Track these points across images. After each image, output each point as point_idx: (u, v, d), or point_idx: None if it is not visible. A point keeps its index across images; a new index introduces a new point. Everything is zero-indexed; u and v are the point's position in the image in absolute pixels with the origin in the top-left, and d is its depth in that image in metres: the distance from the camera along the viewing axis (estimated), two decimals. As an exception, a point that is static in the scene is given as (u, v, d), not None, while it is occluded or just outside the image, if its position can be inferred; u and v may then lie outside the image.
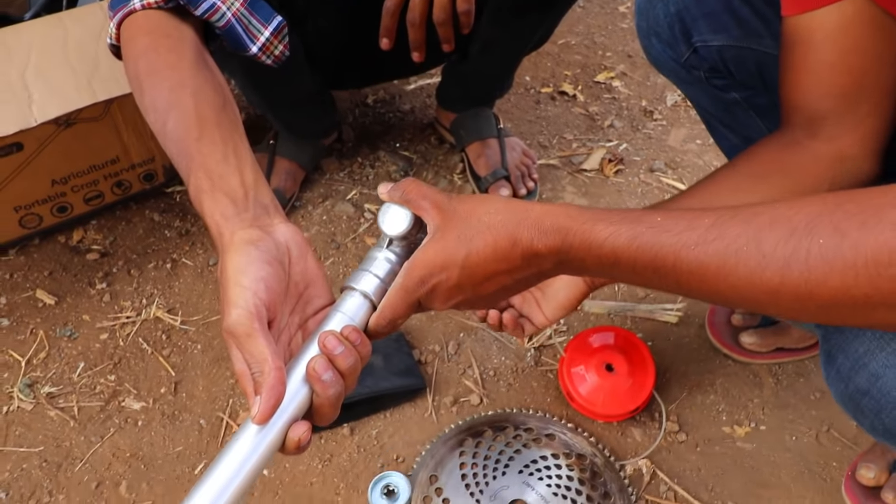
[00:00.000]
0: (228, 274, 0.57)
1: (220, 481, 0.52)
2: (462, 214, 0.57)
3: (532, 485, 0.99)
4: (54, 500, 1.00)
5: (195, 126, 0.68)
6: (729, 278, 0.51)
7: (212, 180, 0.63)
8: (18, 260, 1.30)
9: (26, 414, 1.09)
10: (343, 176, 1.45)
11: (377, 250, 0.62)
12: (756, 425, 1.08)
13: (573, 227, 0.54)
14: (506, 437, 1.04)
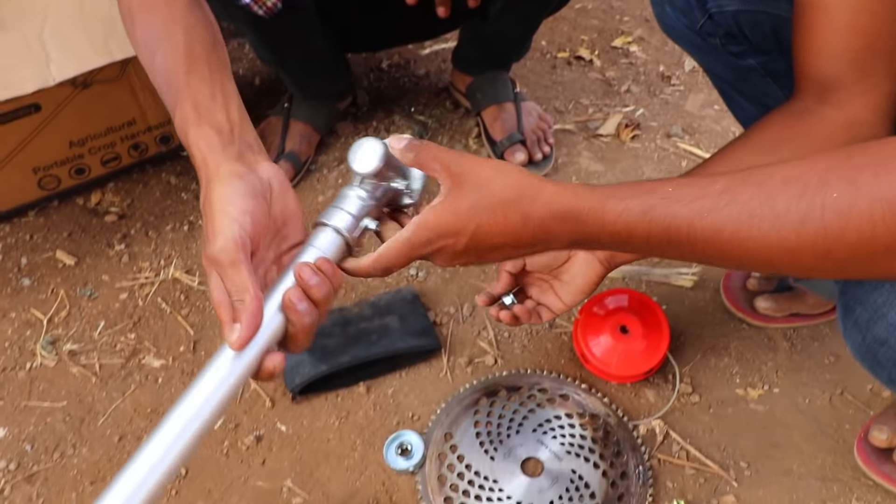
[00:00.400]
0: (214, 203, 0.59)
1: (199, 401, 0.55)
2: (476, 183, 0.58)
3: (545, 443, 1.00)
4: (78, 453, 1.02)
5: (185, 60, 0.68)
6: (745, 243, 0.52)
7: (198, 112, 0.64)
8: (38, 221, 1.32)
9: (49, 370, 1.11)
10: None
11: (349, 188, 0.64)
12: (769, 388, 1.09)
13: (584, 206, 0.56)
14: (520, 396, 1.06)
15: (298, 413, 1.06)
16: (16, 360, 1.12)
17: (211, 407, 0.55)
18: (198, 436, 0.55)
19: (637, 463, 0.99)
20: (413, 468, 0.99)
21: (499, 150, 1.37)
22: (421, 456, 1.00)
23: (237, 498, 0.98)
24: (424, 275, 1.23)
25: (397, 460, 1.00)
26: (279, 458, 1.02)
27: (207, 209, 0.59)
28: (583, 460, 0.98)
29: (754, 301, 1.14)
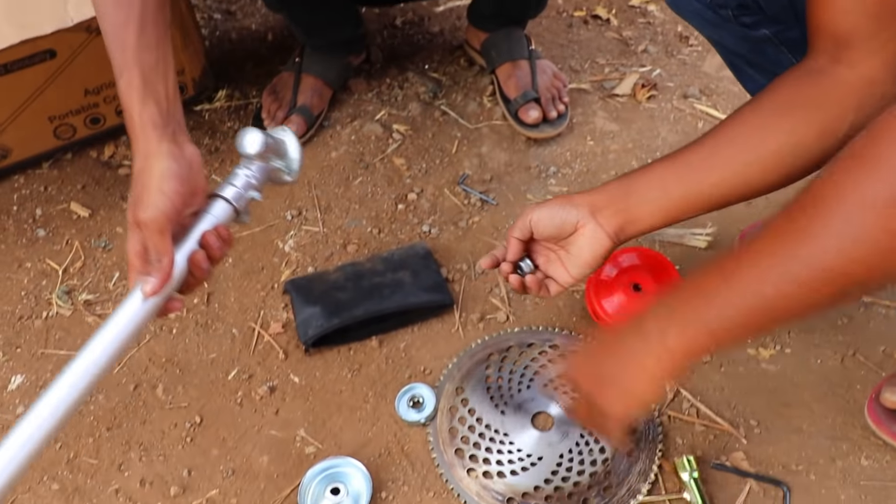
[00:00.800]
0: (154, 176, 0.73)
1: (114, 330, 0.73)
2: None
3: (556, 398, 1.01)
4: (94, 400, 1.04)
5: (137, 20, 0.76)
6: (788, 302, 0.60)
7: (144, 84, 0.75)
8: (52, 173, 1.32)
9: (65, 319, 1.12)
10: (371, 97, 1.44)
11: (238, 167, 0.82)
12: (781, 348, 1.09)
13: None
14: (531, 353, 1.06)
15: (311, 365, 1.07)
16: (32, 309, 1.13)
17: (123, 336, 0.73)
18: (113, 359, 0.74)
19: (647, 419, 1.00)
20: (424, 420, 1.01)
21: (513, 107, 1.35)
22: (432, 409, 1.01)
23: (251, 446, 1.00)
24: (437, 231, 1.23)
25: (409, 412, 1.01)
26: (292, 409, 1.03)
27: (145, 179, 0.73)
28: None
29: None
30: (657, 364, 0.68)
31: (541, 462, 0.96)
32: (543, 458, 0.96)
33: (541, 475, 0.95)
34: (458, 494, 0.94)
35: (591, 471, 0.95)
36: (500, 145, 1.36)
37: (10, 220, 1.25)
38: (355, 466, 0.95)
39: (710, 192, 0.81)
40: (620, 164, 1.33)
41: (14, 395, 1.04)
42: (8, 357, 1.08)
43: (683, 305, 0.67)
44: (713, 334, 0.64)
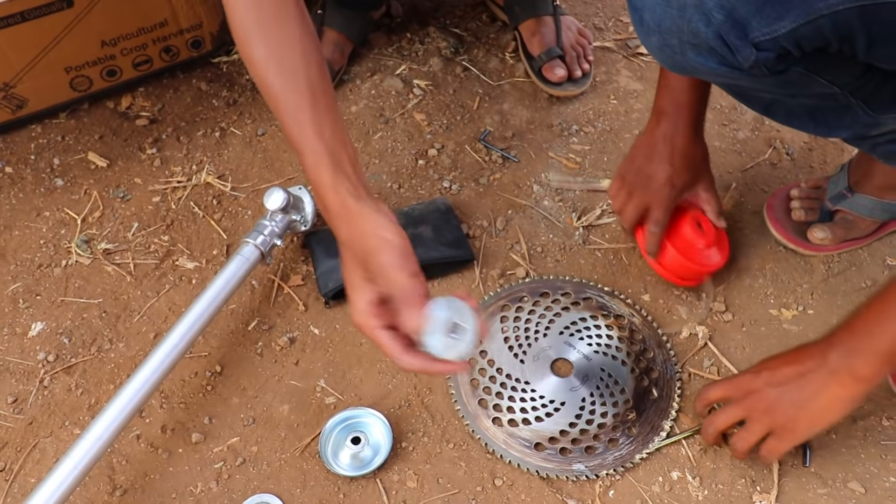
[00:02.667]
0: (370, 236, 0.75)
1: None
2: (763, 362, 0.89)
3: (573, 344, 1.01)
4: (115, 348, 1.04)
5: (308, 92, 0.76)
6: None
7: (331, 157, 0.75)
8: (69, 123, 1.31)
9: (84, 268, 1.12)
10: (392, 51, 1.41)
11: (264, 219, 1.03)
12: (804, 309, 1.08)
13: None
14: (545, 301, 1.06)
15: (331, 317, 1.07)
16: (51, 258, 1.13)
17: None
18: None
19: (664, 359, 1.01)
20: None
21: (536, 65, 1.33)
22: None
23: (271, 395, 1.00)
24: (458, 187, 1.21)
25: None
26: (312, 360, 1.03)
27: (364, 238, 0.75)
28: (610, 358, 1.00)
29: (808, 231, 1.11)
30: (848, 392, 0.80)
31: (564, 407, 0.97)
32: (566, 402, 0.97)
33: (565, 419, 0.96)
34: (486, 444, 0.95)
35: (613, 412, 0.97)
36: (522, 102, 1.34)
37: (28, 170, 1.24)
38: (376, 416, 0.95)
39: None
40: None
41: (35, 342, 1.04)
42: (28, 304, 1.08)
43: (863, 340, 0.79)
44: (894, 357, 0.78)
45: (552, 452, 0.94)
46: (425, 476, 0.93)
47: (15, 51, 1.18)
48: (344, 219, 0.75)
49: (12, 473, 0.93)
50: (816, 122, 0.87)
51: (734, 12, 0.68)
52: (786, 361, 0.85)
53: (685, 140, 1.01)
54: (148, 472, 0.93)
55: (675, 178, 1.01)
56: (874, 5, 0.65)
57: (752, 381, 0.87)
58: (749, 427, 0.86)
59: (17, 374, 1.01)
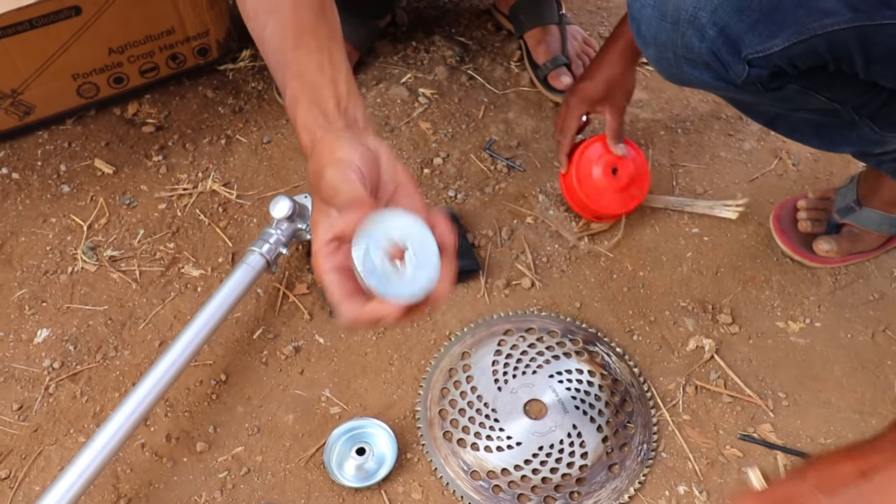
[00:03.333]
0: (325, 157, 0.60)
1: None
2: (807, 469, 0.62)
3: (556, 391, 0.99)
4: (120, 356, 1.04)
5: (292, 33, 0.68)
6: None
7: (306, 91, 0.65)
8: (76, 130, 1.31)
9: (90, 275, 1.12)
10: (397, 59, 1.42)
11: (270, 227, 1.03)
12: (811, 322, 1.08)
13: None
14: (550, 339, 1.04)
15: (336, 327, 1.07)
16: (57, 264, 1.13)
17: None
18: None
19: (643, 440, 0.96)
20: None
21: (542, 73, 1.33)
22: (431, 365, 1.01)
23: (276, 405, 1.00)
24: (463, 197, 1.21)
25: None
26: (317, 369, 1.03)
27: (320, 172, 0.60)
28: (588, 419, 0.97)
29: (814, 243, 1.11)
30: None
31: (519, 447, 0.95)
32: (522, 443, 0.95)
33: (514, 459, 0.94)
34: (427, 453, 0.94)
35: (564, 472, 0.93)
36: (528, 111, 1.34)
37: (35, 176, 1.24)
38: (381, 427, 0.95)
39: None
40: (649, 132, 1.31)
41: (40, 348, 1.04)
42: (34, 311, 1.08)
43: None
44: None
45: (485, 486, 0.92)
46: (430, 488, 0.93)
47: (23, 58, 1.19)
48: (309, 153, 0.63)
49: (17, 481, 0.93)
50: (821, 138, 0.87)
51: (727, 29, 0.69)
52: (841, 458, 0.62)
53: (610, 62, 1.08)
54: (153, 480, 0.93)
55: (586, 90, 1.09)
56: (871, 26, 0.64)
57: (796, 488, 0.62)
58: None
59: (22, 381, 1.01)
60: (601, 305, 1.09)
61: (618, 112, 1.09)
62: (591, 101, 1.09)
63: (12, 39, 1.15)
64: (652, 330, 1.07)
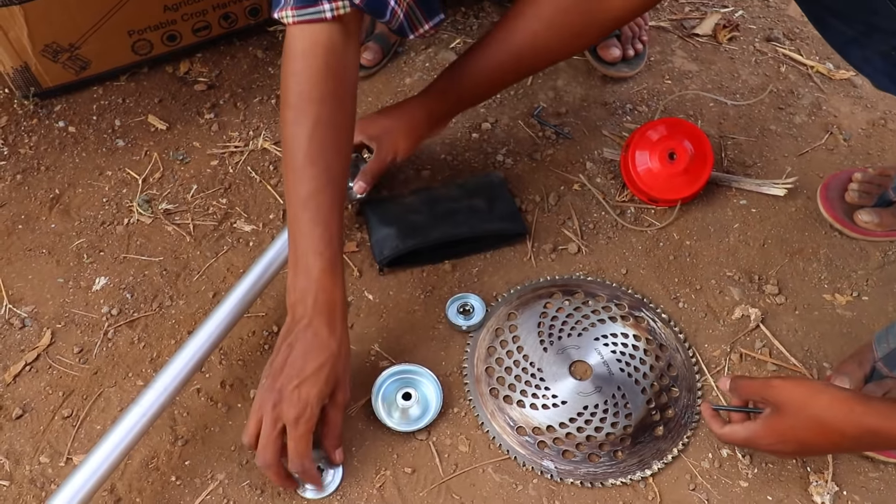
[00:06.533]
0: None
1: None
2: (794, 408, 0.78)
3: (602, 353, 1.00)
4: (175, 305, 1.07)
5: (325, 176, 0.86)
6: None
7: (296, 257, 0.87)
8: (129, 86, 1.33)
9: (145, 227, 1.15)
10: (447, 25, 1.42)
11: None
12: (858, 295, 1.07)
13: (891, 427, 0.72)
14: (596, 304, 1.05)
15: (385, 284, 1.09)
16: (114, 216, 1.16)
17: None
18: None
19: (687, 403, 0.97)
20: (467, 328, 1.02)
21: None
22: (479, 320, 1.03)
23: (326, 357, 1.02)
24: (511, 162, 1.22)
25: (457, 317, 1.03)
26: (367, 324, 1.05)
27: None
28: (633, 381, 0.98)
29: (854, 214, 1.11)
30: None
31: (564, 406, 0.96)
32: (568, 402, 0.96)
33: (558, 417, 0.95)
34: (474, 407, 0.96)
35: (609, 430, 0.94)
36: (576, 79, 1.34)
37: (91, 130, 1.27)
38: (428, 375, 0.97)
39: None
40: (698, 104, 1.31)
41: (99, 296, 1.07)
42: (92, 259, 1.11)
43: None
44: None
45: (530, 441, 0.94)
46: (477, 441, 0.95)
47: (82, 12, 1.21)
48: (312, 281, 0.86)
49: (79, 420, 0.96)
50: (893, 78, 0.84)
51: None
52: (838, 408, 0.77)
53: (411, 111, 1.08)
54: (208, 424, 0.96)
55: (367, 124, 1.08)
56: None
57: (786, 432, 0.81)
58: (756, 446, 0.84)
59: (82, 325, 1.04)
60: (647, 272, 1.10)
61: (378, 160, 1.06)
62: (366, 134, 1.07)
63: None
64: (698, 298, 1.07)
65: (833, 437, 0.76)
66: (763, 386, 0.82)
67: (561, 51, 1.00)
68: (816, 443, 0.77)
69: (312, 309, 0.84)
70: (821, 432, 0.76)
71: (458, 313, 1.04)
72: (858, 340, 1.03)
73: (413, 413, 0.95)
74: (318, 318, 0.84)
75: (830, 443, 0.77)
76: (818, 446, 0.78)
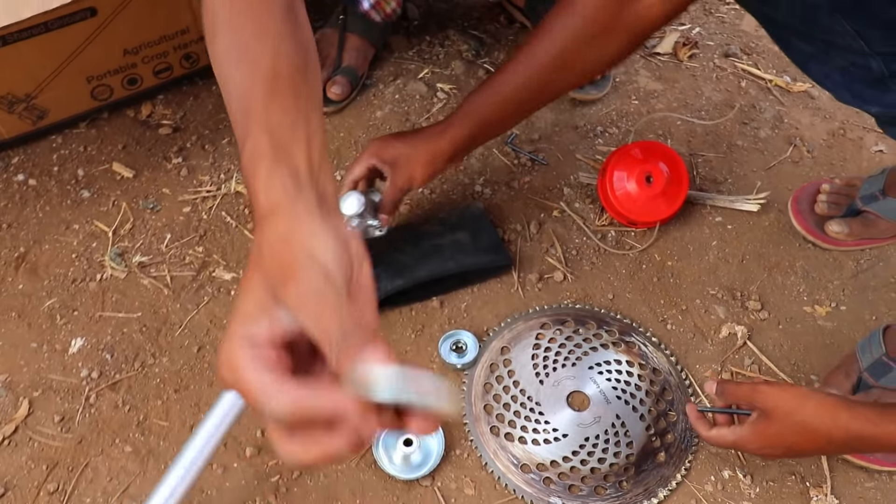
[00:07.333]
0: (296, 248, 0.47)
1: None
2: (782, 414, 0.80)
3: (598, 382, 1.01)
4: (158, 363, 1.03)
5: (267, 82, 0.57)
6: None
7: (275, 148, 0.53)
8: (90, 133, 1.29)
9: (120, 282, 1.11)
10: (412, 54, 1.41)
11: None
12: (836, 305, 1.11)
13: (876, 431, 0.75)
14: (586, 332, 1.06)
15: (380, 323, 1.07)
16: (85, 272, 1.11)
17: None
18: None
19: (686, 427, 0.98)
20: (462, 366, 1.02)
21: (559, 66, 1.34)
22: (472, 357, 1.02)
23: (321, 406, 1.00)
24: (490, 192, 1.22)
25: (450, 355, 1.02)
26: (359, 369, 1.03)
27: (286, 248, 0.47)
28: (631, 409, 0.99)
29: (825, 225, 1.14)
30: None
31: (565, 439, 0.96)
32: (569, 435, 0.97)
33: (561, 451, 0.95)
34: (476, 448, 0.96)
35: (612, 461, 0.95)
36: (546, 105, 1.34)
37: (53, 181, 1.22)
38: (429, 425, 0.96)
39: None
40: (666, 123, 1.33)
41: (76, 358, 1.03)
42: (66, 320, 1.07)
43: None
44: None
45: (535, 478, 0.93)
46: (482, 483, 0.94)
47: (38, 61, 1.16)
48: (267, 218, 0.50)
49: (66, 494, 0.92)
50: (852, 92, 0.87)
51: None
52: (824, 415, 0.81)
53: (433, 137, 1.01)
54: (204, 488, 0.93)
55: (383, 147, 1.02)
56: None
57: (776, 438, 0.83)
58: (743, 449, 0.90)
59: (61, 392, 1.00)
60: (633, 296, 1.11)
61: (394, 188, 1.01)
62: (380, 157, 1.01)
63: (27, 43, 1.13)
64: (684, 319, 1.09)
65: (820, 442, 0.79)
66: (750, 391, 0.83)
67: (596, 64, 0.92)
68: (803, 447, 0.81)
69: None
70: (808, 437, 0.79)
71: (451, 351, 1.03)
72: (841, 350, 1.06)
73: (415, 459, 0.94)
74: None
75: (817, 447, 0.80)
76: (805, 450, 0.82)
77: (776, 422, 0.80)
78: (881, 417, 0.76)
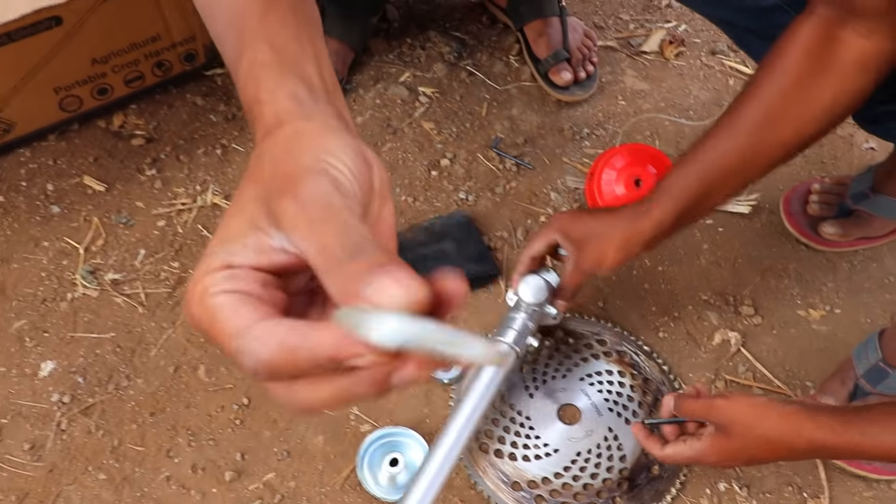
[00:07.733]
0: (303, 156, 0.35)
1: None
2: (742, 428, 0.76)
3: (589, 394, 0.98)
4: (133, 385, 0.99)
5: (262, 3, 0.45)
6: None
7: (280, 56, 0.42)
8: (60, 146, 1.24)
9: (92, 301, 1.07)
10: (393, 57, 1.38)
11: (516, 312, 0.88)
12: (831, 308, 1.08)
13: (840, 442, 0.72)
14: (577, 342, 1.03)
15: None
16: (55, 291, 1.07)
17: None
18: None
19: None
20: (448, 380, 0.99)
21: (543, 68, 1.31)
22: (460, 371, 0.99)
23: (304, 426, 0.97)
24: (474, 198, 1.19)
25: (437, 370, 0.99)
26: (342, 386, 1.00)
27: (292, 157, 0.35)
28: (623, 421, 0.96)
29: (819, 226, 1.12)
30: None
31: (556, 454, 0.93)
32: (560, 450, 0.94)
33: (553, 467, 0.92)
34: (465, 466, 0.93)
35: (605, 476, 0.92)
36: (531, 107, 1.31)
37: (21, 197, 1.17)
38: (414, 438, 0.93)
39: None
40: (654, 124, 1.30)
41: (47, 382, 0.99)
42: (36, 342, 1.03)
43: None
44: None
45: (527, 497, 0.91)
46: (471, 502, 0.91)
47: (2, 74, 1.12)
48: (273, 132, 0.38)
49: (37, 527, 0.88)
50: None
51: None
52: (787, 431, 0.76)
53: (627, 219, 0.88)
54: (182, 515, 0.89)
55: (568, 223, 0.92)
56: None
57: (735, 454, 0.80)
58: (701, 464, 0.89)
59: (30, 418, 0.96)
60: (624, 303, 1.08)
61: (578, 271, 0.89)
62: (564, 233, 0.90)
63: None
64: (677, 326, 1.06)
65: (781, 453, 0.77)
66: (706, 407, 0.79)
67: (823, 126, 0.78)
68: (766, 458, 0.80)
69: None
70: (770, 449, 0.76)
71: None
72: (836, 355, 1.03)
73: (401, 480, 0.91)
74: None
75: (780, 457, 0.79)
76: (766, 460, 0.81)
77: (737, 437, 0.76)
78: (844, 427, 0.73)
